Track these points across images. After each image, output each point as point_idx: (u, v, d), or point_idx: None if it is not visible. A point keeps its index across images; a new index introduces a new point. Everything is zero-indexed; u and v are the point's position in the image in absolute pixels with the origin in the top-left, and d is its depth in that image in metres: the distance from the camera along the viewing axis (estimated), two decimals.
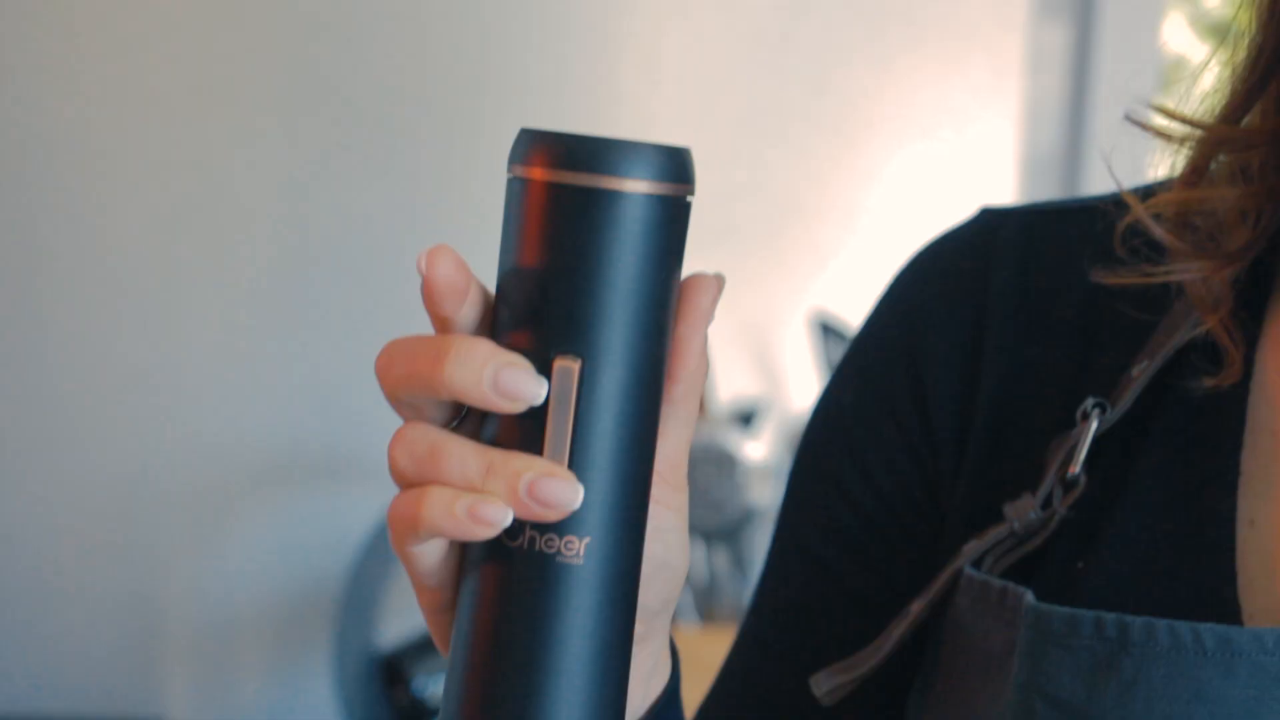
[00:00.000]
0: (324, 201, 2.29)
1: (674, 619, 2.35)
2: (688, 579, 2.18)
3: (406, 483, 0.66)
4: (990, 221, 0.88)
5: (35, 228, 2.24)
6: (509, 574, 0.66)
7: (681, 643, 1.28)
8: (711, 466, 2.32)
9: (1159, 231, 0.80)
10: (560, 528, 0.66)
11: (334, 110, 2.30)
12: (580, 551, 0.66)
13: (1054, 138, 2.76)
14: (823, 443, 0.91)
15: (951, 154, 2.68)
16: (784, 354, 2.56)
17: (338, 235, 2.30)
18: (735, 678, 0.92)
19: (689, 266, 0.68)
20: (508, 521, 0.64)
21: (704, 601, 2.46)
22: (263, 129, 2.29)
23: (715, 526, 2.41)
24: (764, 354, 2.54)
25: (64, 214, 2.25)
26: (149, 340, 2.27)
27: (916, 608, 0.82)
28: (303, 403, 2.25)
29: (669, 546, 0.71)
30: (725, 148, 2.51)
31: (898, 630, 0.82)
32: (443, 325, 0.66)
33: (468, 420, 0.67)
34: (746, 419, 2.50)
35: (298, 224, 2.29)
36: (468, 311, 0.65)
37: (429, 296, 0.65)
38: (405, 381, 0.65)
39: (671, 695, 0.76)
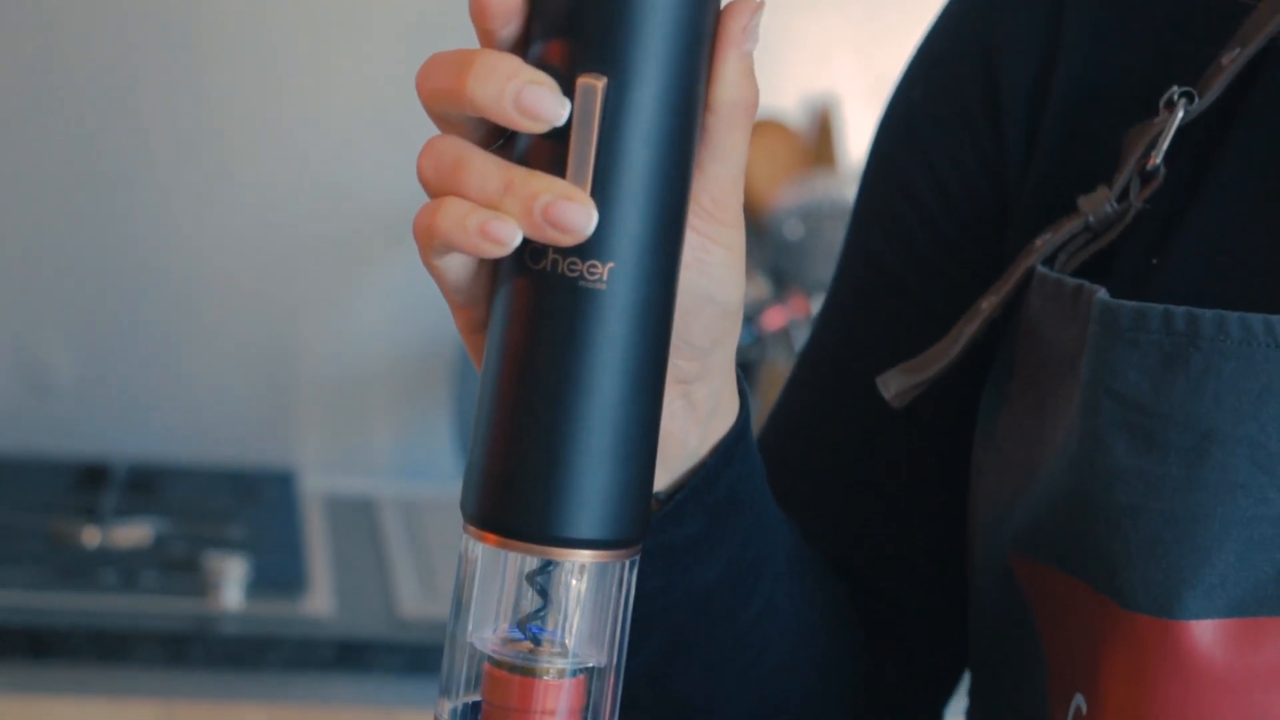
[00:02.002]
0: None
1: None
2: None
3: (431, 193, 0.65)
4: None
5: None
6: (533, 297, 0.65)
7: None
8: (839, 222, 2.30)
9: None
10: (583, 252, 0.64)
11: None
12: (603, 277, 0.65)
13: None
14: (889, 143, 0.88)
15: None
16: None
17: None
18: (802, 387, 0.90)
19: None
20: (517, 240, 0.63)
21: None
22: None
23: None
24: None
25: None
26: (296, 96, 2.26)
27: (988, 305, 0.80)
28: None
29: (716, 281, 0.69)
30: None
31: (968, 329, 0.80)
32: (486, 40, 0.65)
33: (509, 144, 0.66)
34: None
35: None
36: (512, 30, 0.64)
37: (475, 8, 0.64)
38: (436, 96, 0.64)
39: (739, 434, 0.75)
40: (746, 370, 2.14)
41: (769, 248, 2.23)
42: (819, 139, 2.35)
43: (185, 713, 1.81)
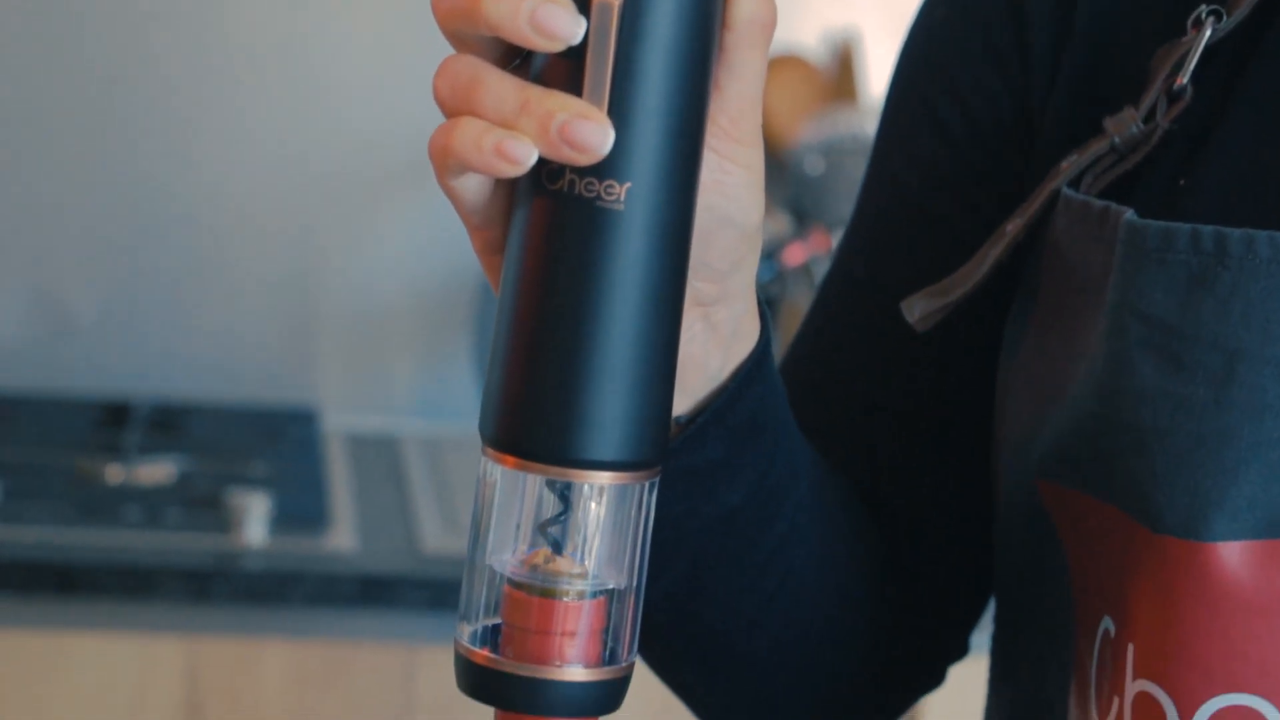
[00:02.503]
0: None
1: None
2: None
3: (446, 113, 0.65)
4: None
5: None
6: (550, 217, 0.65)
7: None
8: (860, 158, 2.28)
9: None
10: (599, 172, 0.64)
11: None
12: (620, 197, 0.64)
13: None
14: (911, 66, 0.87)
15: None
16: None
17: None
18: (824, 313, 0.89)
19: None
20: (532, 159, 0.63)
21: None
22: None
23: None
24: None
25: None
26: (316, 31, 2.25)
27: (1013, 228, 0.79)
28: None
29: (733, 202, 0.68)
30: None
31: (993, 252, 0.79)
32: None
33: (525, 64, 0.66)
34: None
35: None
36: None
37: None
38: (451, 15, 0.64)
39: (760, 358, 0.74)
40: (768, 306, 2.14)
41: (790, 184, 2.22)
42: (840, 74, 2.34)
43: (209, 648, 1.81)
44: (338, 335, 2.30)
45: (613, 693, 0.67)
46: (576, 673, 0.66)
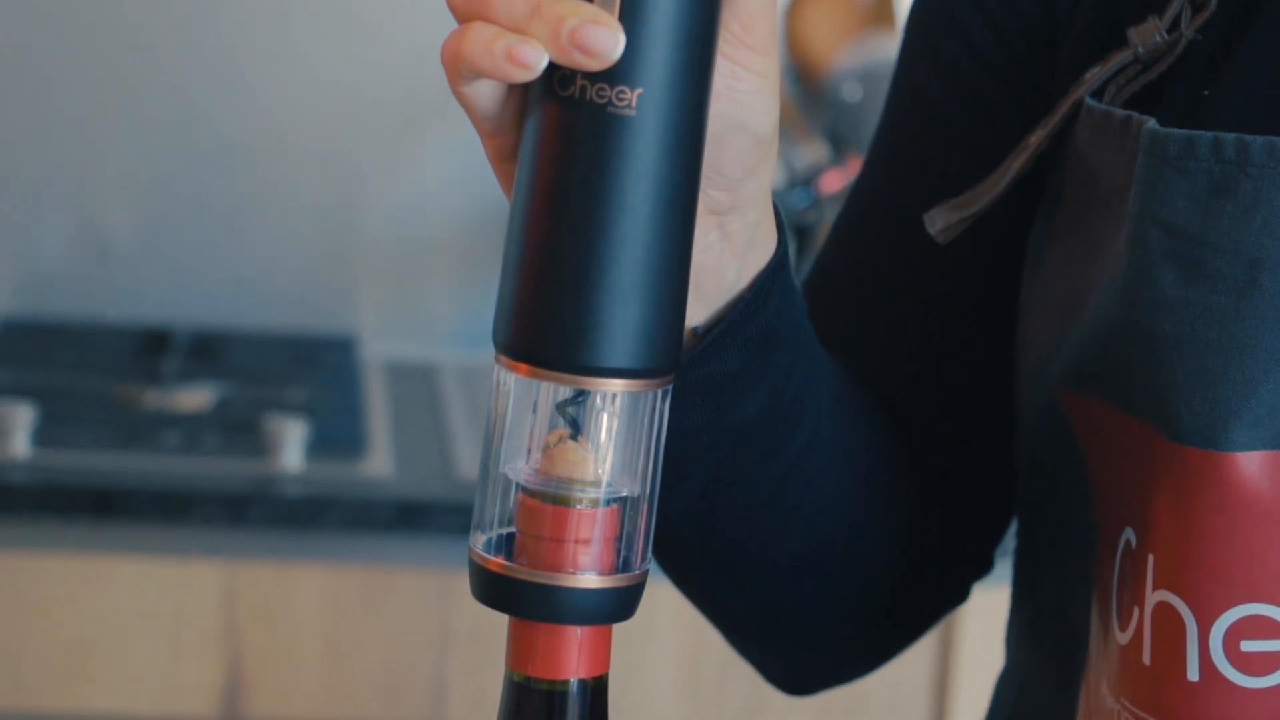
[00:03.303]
0: None
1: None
2: None
3: (459, 18, 0.65)
4: None
5: None
6: (562, 123, 0.65)
7: None
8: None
9: None
10: (611, 77, 0.64)
11: None
12: (632, 103, 0.64)
13: None
14: None
15: None
16: None
17: None
18: (848, 226, 0.89)
19: None
20: (543, 64, 0.63)
21: None
22: None
23: None
24: None
25: None
26: None
27: (1035, 139, 0.78)
28: None
29: (745, 109, 0.68)
30: None
31: (1015, 163, 0.78)
32: None
33: None
34: None
35: None
36: None
37: None
38: None
39: (776, 267, 0.74)
40: (804, 234, 2.13)
41: (827, 110, 2.21)
42: (877, 0, 2.32)
43: (245, 572, 1.82)
44: (377, 263, 2.30)
45: (626, 600, 0.67)
46: (590, 580, 0.66)
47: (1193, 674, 0.72)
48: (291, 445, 1.87)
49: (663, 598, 1.34)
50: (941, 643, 1.89)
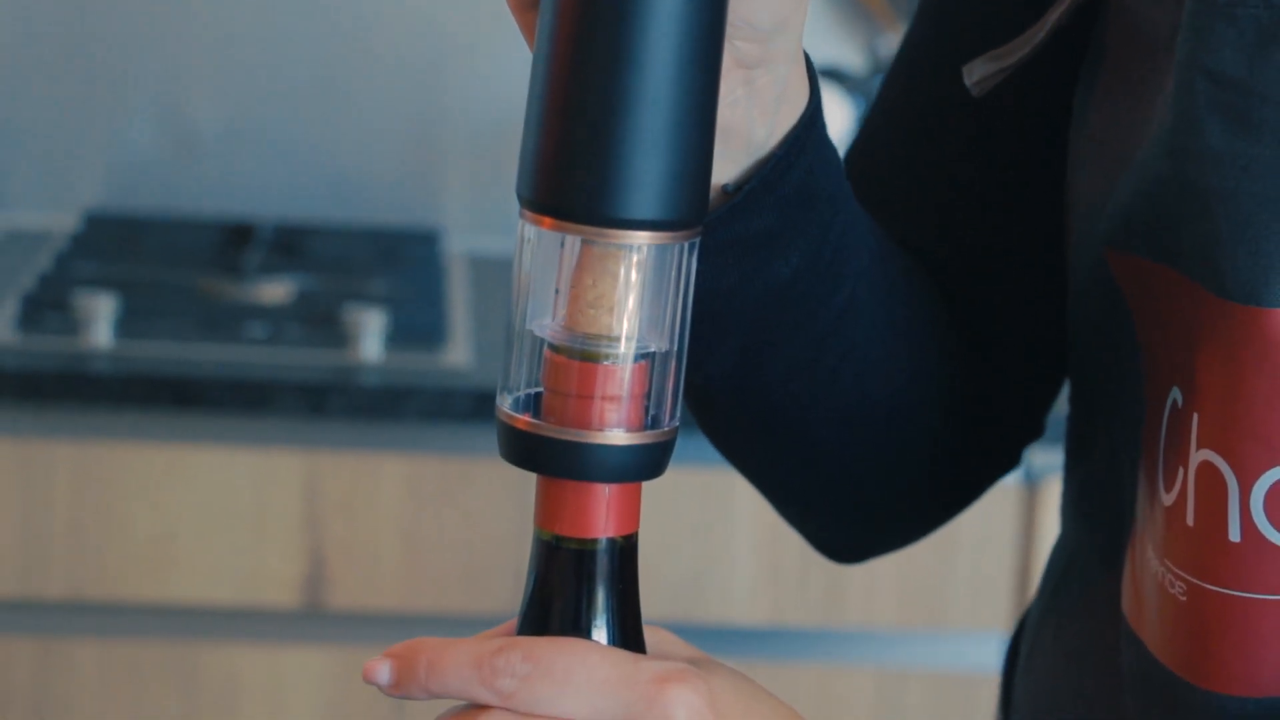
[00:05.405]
0: None
1: None
2: None
3: None
4: None
5: None
6: None
7: None
8: None
9: None
10: None
11: None
12: None
13: None
14: None
15: None
16: None
17: None
18: (893, 85, 0.87)
19: None
20: None
21: None
22: None
23: None
24: None
25: None
26: None
27: None
28: None
29: None
30: None
31: (1054, 14, 0.76)
32: None
33: None
34: None
35: None
36: None
37: None
38: None
39: (808, 123, 0.72)
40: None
41: None
42: None
43: (325, 461, 1.83)
44: (463, 157, 2.29)
45: (655, 457, 0.66)
46: (618, 436, 0.65)
47: (1234, 534, 0.70)
48: (371, 335, 1.87)
49: (741, 488, 1.33)
50: (1023, 534, 1.87)
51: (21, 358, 1.83)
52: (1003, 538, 1.86)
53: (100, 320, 1.86)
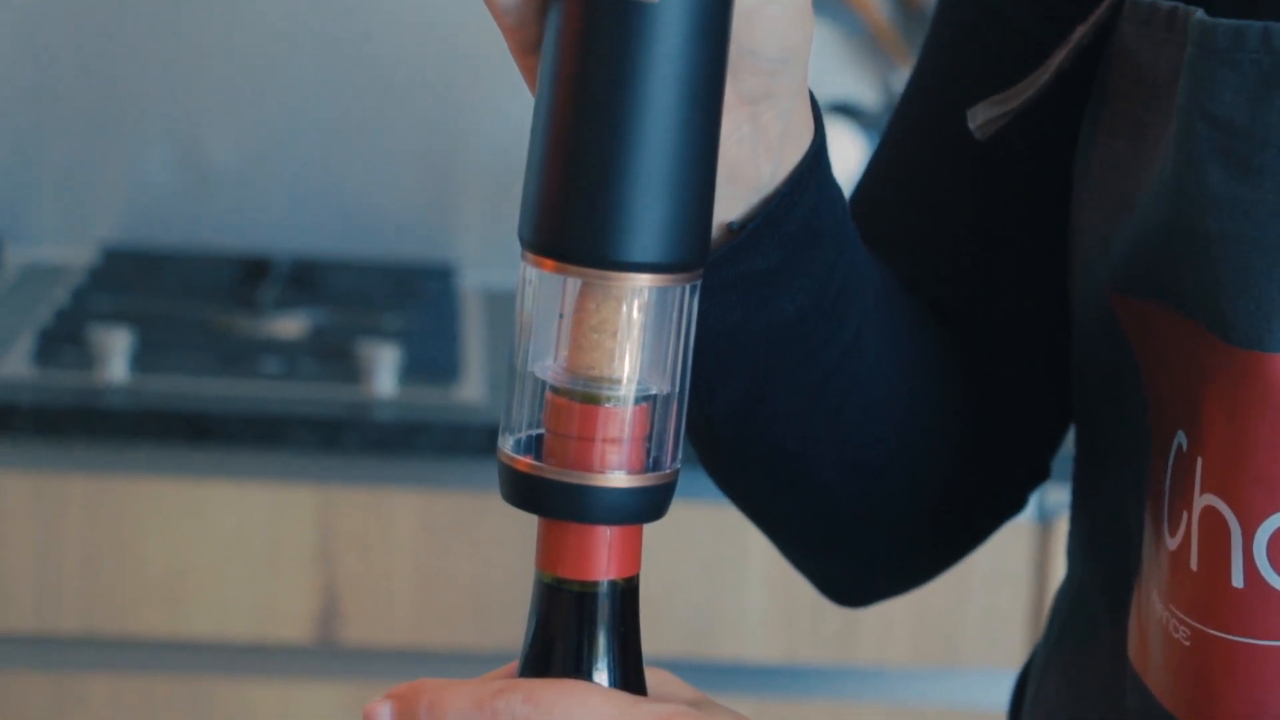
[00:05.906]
0: None
1: None
2: None
3: None
4: None
5: None
6: (584, 12, 0.63)
7: None
8: None
9: None
10: None
11: None
12: None
13: None
14: None
15: None
16: None
17: None
18: (899, 127, 0.87)
19: None
20: None
21: None
22: None
23: None
24: None
25: None
26: None
27: (1077, 33, 0.76)
28: None
29: None
30: None
31: (1057, 58, 0.76)
32: None
33: None
34: None
35: None
36: None
37: None
38: None
39: (813, 161, 0.72)
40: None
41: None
42: None
43: (339, 496, 1.83)
44: (478, 192, 2.30)
45: (657, 499, 0.66)
46: (619, 478, 0.65)
47: (1237, 580, 0.70)
48: (386, 370, 1.87)
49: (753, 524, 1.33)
50: (1036, 572, 1.87)
51: (37, 392, 1.84)
52: (1016, 576, 1.85)
53: (116, 355, 1.87)
